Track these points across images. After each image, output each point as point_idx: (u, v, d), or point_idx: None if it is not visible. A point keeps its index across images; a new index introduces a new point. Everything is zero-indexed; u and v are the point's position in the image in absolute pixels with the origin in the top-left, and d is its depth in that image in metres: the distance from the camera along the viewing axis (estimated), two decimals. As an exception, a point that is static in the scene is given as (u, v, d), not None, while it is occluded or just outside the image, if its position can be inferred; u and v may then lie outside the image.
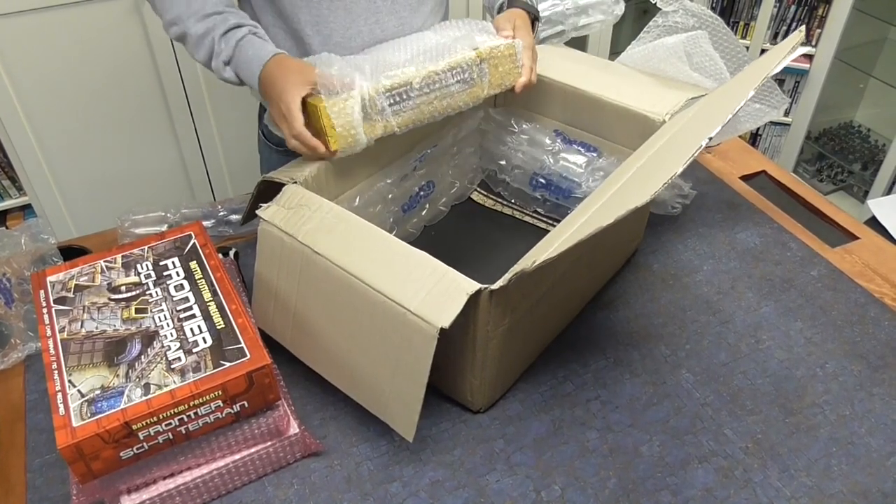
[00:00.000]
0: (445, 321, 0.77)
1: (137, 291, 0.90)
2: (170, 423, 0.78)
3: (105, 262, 0.95)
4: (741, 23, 3.02)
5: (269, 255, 0.94)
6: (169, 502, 0.83)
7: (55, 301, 0.90)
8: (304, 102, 0.99)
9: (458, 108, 1.06)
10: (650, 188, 0.74)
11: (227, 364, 0.80)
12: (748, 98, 0.84)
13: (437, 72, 1.02)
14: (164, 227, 1.21)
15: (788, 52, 0.90)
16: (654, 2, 1.24)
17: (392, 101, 1.00)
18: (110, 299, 0.90)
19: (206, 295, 0.89)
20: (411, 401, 0.83)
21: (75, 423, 0.74)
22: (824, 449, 0.91)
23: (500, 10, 1.22)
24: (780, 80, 2.95)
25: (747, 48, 3.00)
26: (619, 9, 1.38)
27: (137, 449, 0.77)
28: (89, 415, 0.75)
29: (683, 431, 0.93)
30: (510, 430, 0.94)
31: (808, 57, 2.89)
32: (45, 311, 0.88)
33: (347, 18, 1.14)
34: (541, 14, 1.28)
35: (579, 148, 1.21)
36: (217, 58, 1.08)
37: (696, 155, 0.75)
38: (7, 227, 2.10)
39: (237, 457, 0.86)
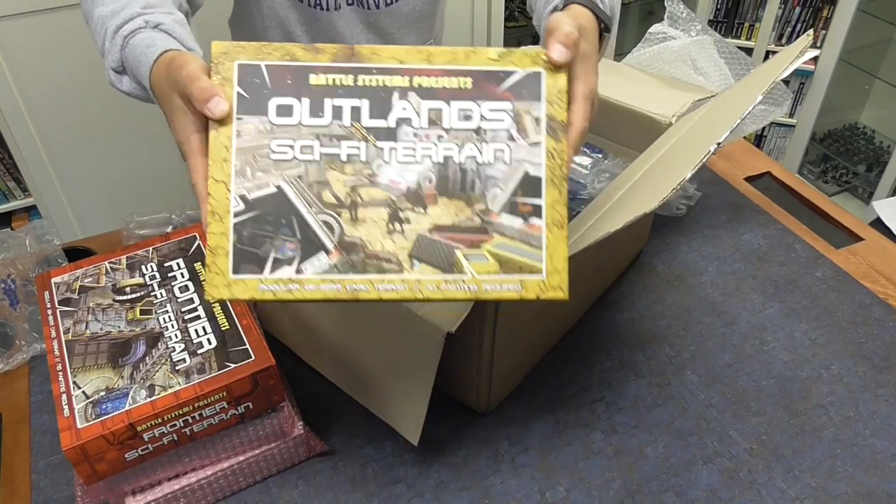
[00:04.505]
0: (452, 326, 0.77)
1: (142, 293, 0.91)
2: (174, 425, 0.78)
3: (110, 263, 0.95)
4: (746, 24, 3.02)
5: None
6: (174, 503, 0.83)
7: (60, 302, 0.90)
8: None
9: None
10: (659, 193, 0.74)
11: (232, 365, 0.80)
12: (756, 103, 0.84)
13: (411, 300, 0.62)
14: (169, 229, 1.21)
15: (796, 56, 0.90)
16: None
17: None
18: (115, 300, 0.90)
19: (211, 296, 0.89)
20: (417, 405, 0.83)
21: (80, 424, 0.75)
22: (829, 450, 0.91)
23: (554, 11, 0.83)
24: (784, 81, 2.96)
25: (751, 50, 3.00)
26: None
27: (142, 450, 0.78)
28: (94, 416, 0.75)
29: (688, 432, 0.93)
30: (515, 431, 0.94)
31: (813, 58, 2.88)
32: (49, 312, 0.89)
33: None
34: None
35: (585, 149, 1.20)
36: (106, 62, 0.78)
37: (704, 160, 0.75)
38: (12, 229, 2.10)
39: (242, 458, 0.86)
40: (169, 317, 0.87)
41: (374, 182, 0.62)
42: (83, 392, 0.78)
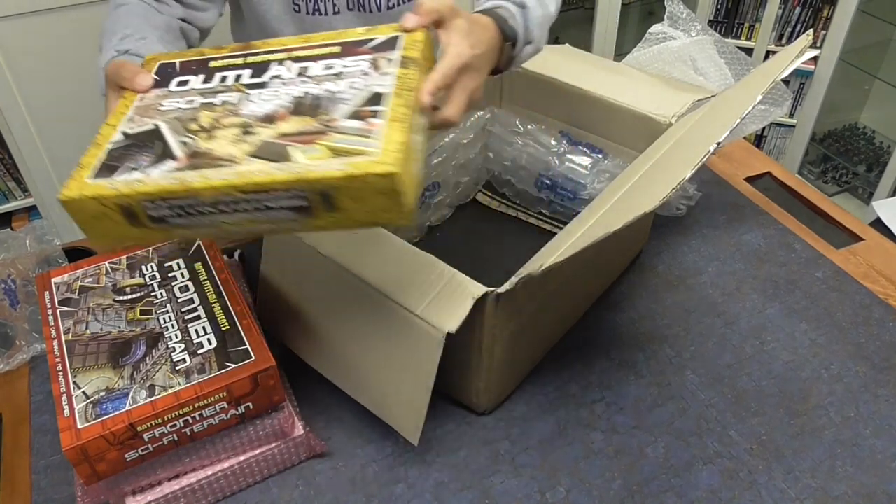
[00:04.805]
0: (452, 326, 0.77)
1: (142, 293, 0.91)
2: (174, 425, 0.78)
3: (110, 263, 0.95)
4: (746, 24, 3.02)
5: (274, 256, 0.94)
6: (174, 503, 0.83)
7: (60, 303, 0.90)
8: None
9: (293, 231, 0.69)
10: (658, 193, 0.74)
11: (232, 366, 0.80)
12: (756, 103, 0.84)
13: (240, 188, 0.62)
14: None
15: (796, 56, 0.90)
16: None
17: (172, 213, 0.65)
18: (115, 301, 0.90)
19: (211, 296, 0.89)
20: (417, 405, 0.83)
21: (80, 424, 0.75)
22: (829, 450, 0.91)
23: None
24: (785, 81, 2.96)
25: (751, 50, 3.00)
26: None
27: (142, 450, 0.78)
28: (94, 416, 0.75)
29: (688, 433, 0.93)
30: (515, 431, 0.94)
31: (813, 59, 2.88)
32: (49, 312, 0.89)
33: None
34: None
35: (585, 149, 1.20)
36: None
37: (704, 160, 0.75)
38: (12, 229, 2.11)
39: (242, 458, 0.86)
40: (169, 317, 0.87)
41: (237, 113, 0.69)
42: (83, 392, 0.78)
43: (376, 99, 0.66)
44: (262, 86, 0.72)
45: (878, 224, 1.97)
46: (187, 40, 1.04)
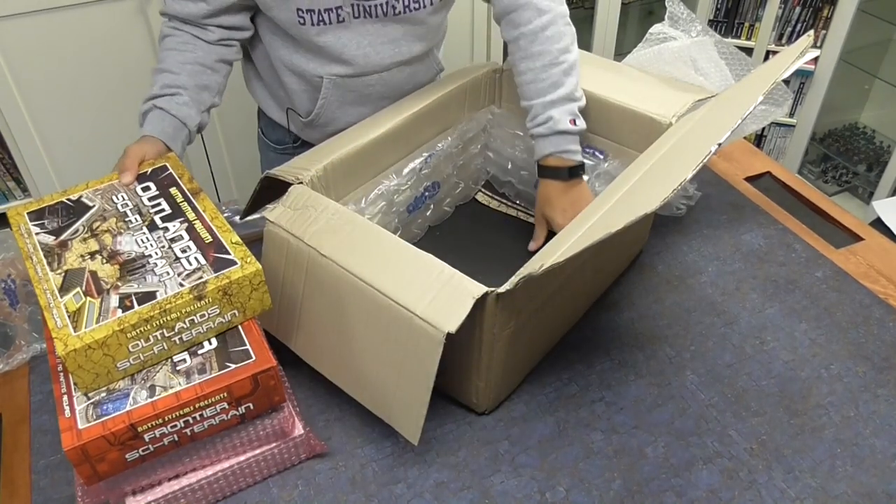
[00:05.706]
0: (452, 326, 0.77)
1: (143, 293, 0.91)
2: (175, 425, 0.78)
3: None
4: (746, 24, 3.02)
5: (274, 256, 0.94)
6: (174, 503, 0.83)
7: (61, 303, 0.90)
8: None
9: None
10: (659, 194, 0.74)
11: (233, 366, 0.80)
12: (757, 104, 0.84)
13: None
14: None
15: (797, 57, 0.90)
16: None
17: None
18: (116, 301, 0.90)
19: (212, 296, 0.89)
20: (417, 405, 0.83)
21: (81, 425, 0.75)
22: (829, 450, 0.91)
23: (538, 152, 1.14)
24: (785, 81, 2.95)
25: (751, 50, 2.99)
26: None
27: (143, 451, 0.78)
28: (95, 417, 0.75)
29: (688, 433, 0.93)
30: (515, 431, 0.94)
31: (814, 58, 2.88)
32: (50, 312, 0.89)
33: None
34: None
35: (585, 150, 1.20)
36: None
37: (705, 161, 0.75)
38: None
39: (242, 458, 0.86)
40: (169, 317, 0.87)
41: (115, 235, 0.88)
42: (84, 393, 0.78)
43: (148, 296, 0.80)
44: (155, 227, 0.89)
45: (878, 224, 1.97)
46: (224, 58, 1.16)
